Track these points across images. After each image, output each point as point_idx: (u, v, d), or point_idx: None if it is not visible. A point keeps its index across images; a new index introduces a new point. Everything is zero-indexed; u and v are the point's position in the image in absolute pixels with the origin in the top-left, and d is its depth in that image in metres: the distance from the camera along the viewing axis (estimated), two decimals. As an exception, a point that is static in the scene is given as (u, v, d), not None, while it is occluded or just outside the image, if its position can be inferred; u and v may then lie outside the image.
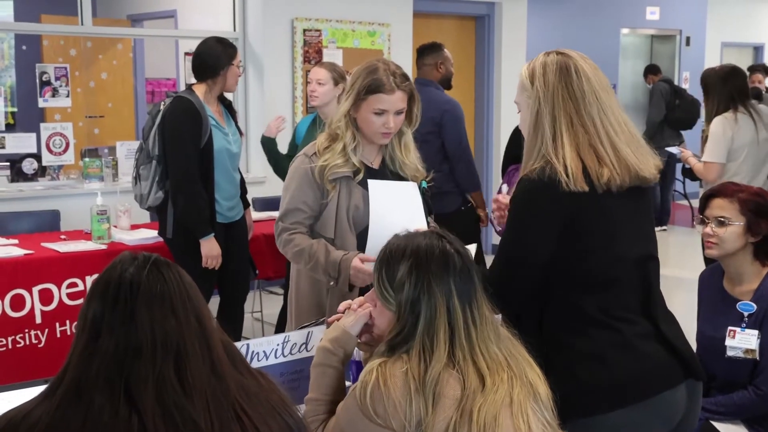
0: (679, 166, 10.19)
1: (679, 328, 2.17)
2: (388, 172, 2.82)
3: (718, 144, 4.60)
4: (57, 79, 5.92)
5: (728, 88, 4.66)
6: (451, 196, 4.72)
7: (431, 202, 2.90)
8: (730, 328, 2.69)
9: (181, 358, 1.38)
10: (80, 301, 3.96)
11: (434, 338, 1.76)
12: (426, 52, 5.04)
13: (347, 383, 2.04)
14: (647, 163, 2.11)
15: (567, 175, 1.99)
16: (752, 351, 2.64)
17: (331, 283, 2.69)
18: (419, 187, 2.87)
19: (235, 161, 4.28)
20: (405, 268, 1.82)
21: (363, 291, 2.56)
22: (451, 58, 5.07)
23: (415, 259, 1.82)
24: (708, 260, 3.97)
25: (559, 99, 2.07)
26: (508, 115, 7.64)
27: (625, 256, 2.09)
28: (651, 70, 9.98)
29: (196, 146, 3.98)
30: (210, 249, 4.03)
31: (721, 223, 2.73)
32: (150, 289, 1.41)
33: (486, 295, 1.87)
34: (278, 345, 2.28)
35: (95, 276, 1.47)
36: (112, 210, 4.62)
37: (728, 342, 2.67)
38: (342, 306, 2.07)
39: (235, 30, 6.49)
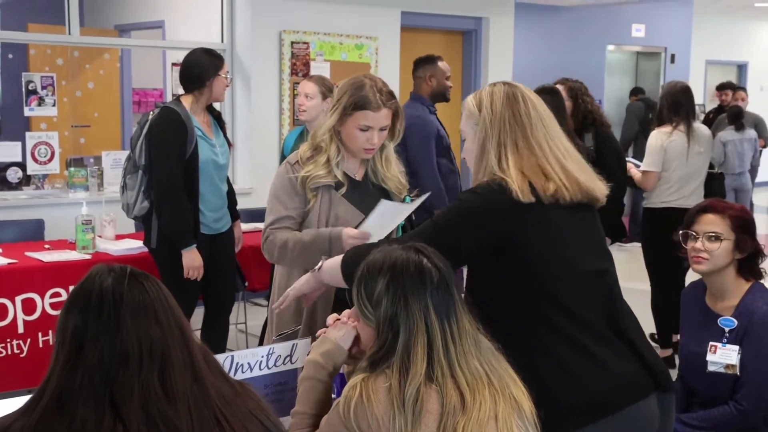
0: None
1: (646, 340, 2.19)
2: (370, 184, 2.84)
3: (653, 154, 5.09)
4: (43, 88, 5.91)
5: (674, 104, 5.09)
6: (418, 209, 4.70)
7: (419, 214, 2.92)
8: (711, 343, 2.70)
9: (165, 366, 1.39)
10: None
11: (412, 354, 1.76)
12: (419, 64, 5.03)
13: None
14: (596, 185, 2.17)
15: (517, 187, 2.04)
16: (733, 366, 2.66)
17: (323, 257, 2.66)
18: (403, 202, 2.89)
19: (222, 173, 4.27)
20: (382, 284, 1.82)
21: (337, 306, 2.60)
22: (446, 71, 5.03)
23: (391, 274, 1.82)
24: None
25: (506, 125, 2.12)
26: (494, 129, 7.67)
27: (578, 269, 2.11)
28: (633, 92, 10.32)
29: (181, 157, 3.98)
30: (192, 260, 4.02)
31: (713, 239, 2.74)
32: (133, 299, 1.42)
33: (466, 308, 1.87)
34: (263, 357, 2.28)
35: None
36: (97, 220, 4.60)
37: (709, 357, 2.69)
38: (330, 319, 2.07)
39: (223, 41, 6.50)
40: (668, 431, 2.18)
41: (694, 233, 2.79)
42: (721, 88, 10.60)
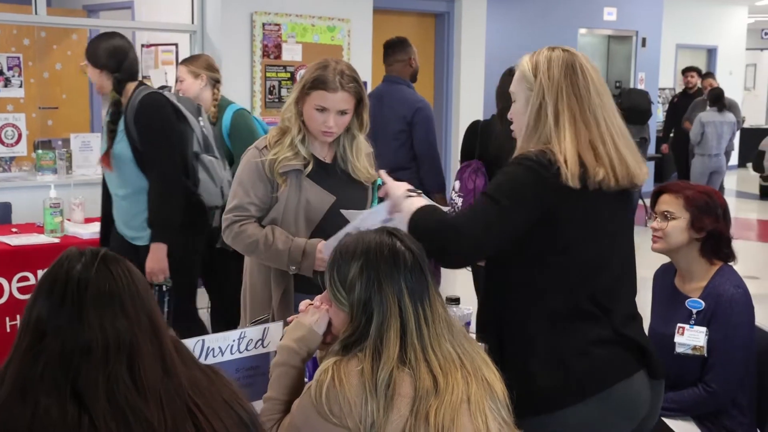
0: (650, 165, 10.45)
1: (641, 326, 2.21)
2: (338, 169, 2.82)
3: None
4: (9, 68, 5.82)
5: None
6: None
7: None
8: (678, 324, 2.73)
9: (133, 357, 1.35)
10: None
11: (385, 338, 1.75)
12: (396, 47, 5.01)
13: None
14: (642, 170, 2.12)
15: (566, 168, 1.99)
16: (700, 348, 2.68)
17: (293, 268, 2.68)
18: (374, 186, 2.89)
19: None
20: (356, 268, 1.81)
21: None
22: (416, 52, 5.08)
23: (365, 258, 1.81)
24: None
25: (563, 94, 2.06)
26: (467, 112, 7.68)
27: (606, 254, 2.11)
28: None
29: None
30: (162, 259, 3.65)
31: (666, 218, 2.78)
32: (98, 287, 1.38)
33: (438, 291, 1.87)
34: (234, 341, 2.26)
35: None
36: (65, 203, 4.55)
37: (677, 339, 2.72)
38: (303, 304, 2.06)
39: (193, 23, 6.42)
40: (656, 415, 2.22)
41: (654, 214, 2.84)
42: (687, 71, 10.70)
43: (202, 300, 5.46)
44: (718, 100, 9.00)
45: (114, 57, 3.63)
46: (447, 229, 2.03)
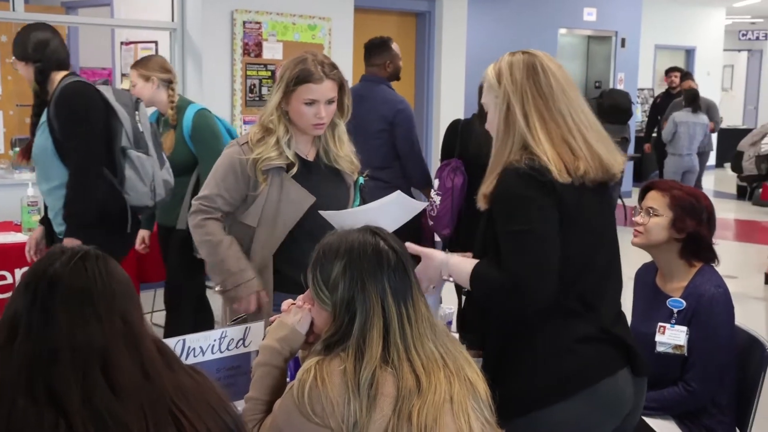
0: (629, 164, 10.53)
1: (626, 323, 2.23)
2: (322, 165, 2.82)
3: None
4: (-14, 65, 5.75)
5: None
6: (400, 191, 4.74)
7: (377, 196, 2.90)
8: (659, 324, 2.74)
9: (107, 361, 1.32)
10: (8, 294, 3.84)
11: (368, 338, 1.75)
12: (373, 51, 5.01)
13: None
14: (616, 159, 2.15)
15: (554, 166, 2.01)
16: (681, 347, 2.70)
17: (217, 288, 2.77)
18: (356, 185, 2.89)
19: None
20: (339, 267, 1.80)
21: None
22: (398, 52, 5.06)
23: (348, 257, 1.81)
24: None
25: (528, 96, 2.08)
26: (448, 111, 7.69)
27: (594, 250, 2.12)
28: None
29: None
30: None
31: (649, 213, 2.80)
32: (70, 286, 1.34)
33: (421, 290, 1.86)
34: (215, 341, 2.25)
35: (25, 269, 1.42)
36: (42, 201, 4.50)
37: (658, 338, 2.73)
38: (285, 304, 2.05)
39: (173, 20, 6.38)
40: (639, 413, 2.23)
41: (639, 208, 2.85)
42: (670, 71, 10.78)
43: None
44: (693, 101, 9.10)
45: (36, 47, 3.48)
46: (511, 290, 2.01)
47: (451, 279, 2.21)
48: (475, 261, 2.12)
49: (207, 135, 4.12)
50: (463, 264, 2.15)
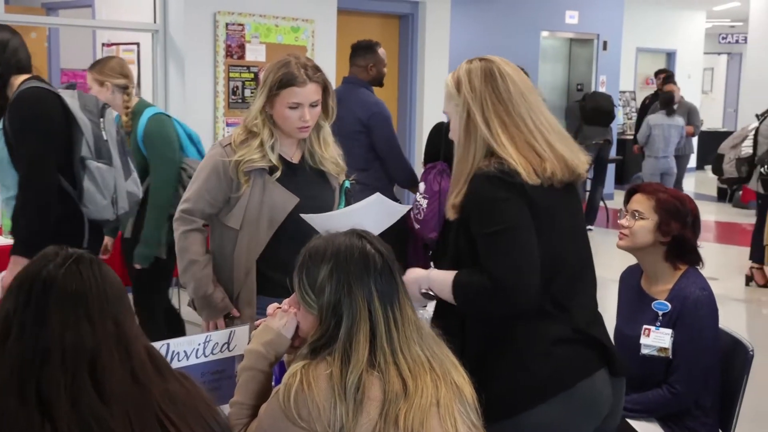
0: (611, 167, 10.59)
1: (602, 323, 2.23)
2: (307, 167, 2.82)
3: None
4: (-34, 67, 5.67)
5: None
6: (381, 192, 4.73)
7: (357, 198, 2.90)
8: (645, 326, 2.75)
9: (96, 364, 1.32)
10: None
11: (354, 341, 1.74)
12: (359, 52, 5.01)
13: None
14: (580, 159, 2.16)
15: (522, 169, 2.02)
16: (665, 349, 2.71)
17: (189, 305, 2.82)
18: (342, 188, 2.88)
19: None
20: (325, 271, 1.79)
21: None
22: (384, 58, 5.05)
23: (335, 261, 1.80)
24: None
25: (488, 102, 2.09)
26: (431, 113, 7.69)
27: (566, 251, 2.12)
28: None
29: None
30: None
31: (635, 217, 2.81)
32: (65, 289, 1.34)
33: (408, 294, 1.86)
34: (199, 345, 2.23)
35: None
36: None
37: (643, 340, 2.74)
38: (270, 308, 2.03)
39: (155, 22, 6.35)
40: (619, 414, 2.23)
41: (625, 211, 2.87)
42: (659, 73, 10.86)
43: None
44: (667, 104, 9.19)
45: None
46: (494, 292, 2.01)
47: (431, 293, 2.21)
48: (455, 272, 2.12)
49: (157, 141, 3.91)
50: (444, 276, 2.14)
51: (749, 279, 7.34)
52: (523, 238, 2.01)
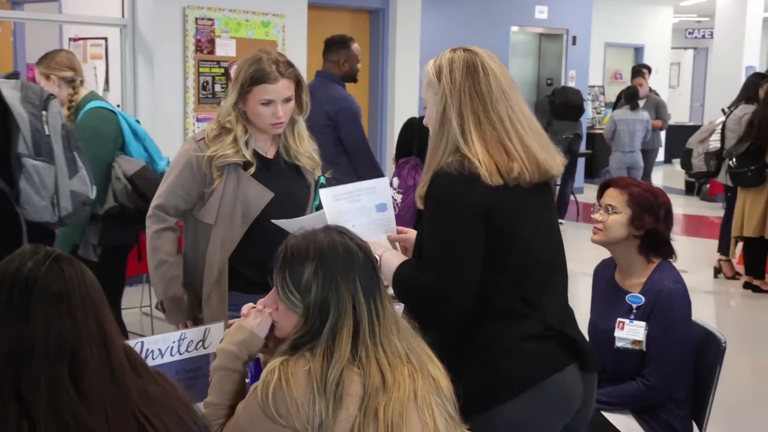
0: (580, 161, 10.65)
1: (573, 319, 2.23)
2: (282, 162, 2.80)
3: None
4: (-70, 62, 5.59)
5: None
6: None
7: None
8: (618, 319, 2.77)
9: (76, 362, 1.31)
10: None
11: (337, 337, 1.73)
12: (332, 48, 4.99)
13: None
14: (554, 160, 2.14)
15: (485, 169, 2.00)
16: (639, 342, 2.72)
17: (157, 307, 2.80)
18: (317, 184, 2.86)
19: None
20: (310, 269, 1.78)
21: None
22: (358, 54, 5.04)
23: (319, 259, 1.78)
24: None
25: (466, 97, 2.06)
26: (402, 108, 7.70)
27: (536, 250, 2.11)
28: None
29: None
30: None
31: (608, 211, 2.82)
32: (47, 286, 1.34)
33: (385, 287, 1.86)
34: (174, 342, 2.22)
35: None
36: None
37: (617, 333, 2.75)
38: (245, 308, 2.01)
39: (123, 16, 6.28)
40: (591, 408, 2.23)
41: (598, 205, 2.88)
42: (638, 68, 10.92)
43: (135, 300, 5.37)
44: (631, 98, 9.29)
45: None
46: (429, 297, 2.03)
47: None
48: (403, 261, 2.13)
49: (87, 135, 3.68)
50: (393, 261, 2.15)
51: (717, 271, 7.43)
52: (463, 247, 2.01)
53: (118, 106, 6.30)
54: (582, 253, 4.60)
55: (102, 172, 3.73)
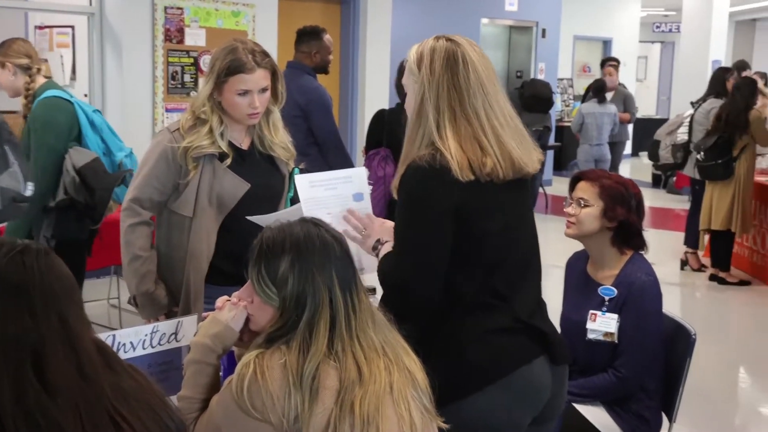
0: (549, 153, 10.68)
1: (545, 312, 2.23)
2: (257, 152, 2.78)
3: None
4: None
5: None
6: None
7: None
8: (591, 311, 2.78)
9: (39, 359, 1.28)
10: None
11: (315, 331, 1.72)
12: (303, 38, 4.97)
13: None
14: (530, 156, 2.14)
15: (456, 164, 1.99)
16: (611, 334, 2.74)
17: (129, 302, 2.77)
18: (291, 175, 2.84)
19: None
20: (286, 262, 1.76)
21: None
22: (330, 45, 5.02)
23: (296, 251, 1.77)
24: None
25: (444, 90, 2.05)
26: (372, 99, 7.67)
27: (507, 245, 2.11)
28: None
29: None
30: None
31: (580, 204, 2.83)
32: (5, 280, 1.30)
33: (360, 279, 1.85)
34: (146, 335, 2.19)
35: None
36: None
37: (589, 325, 2.77)
38: (219, 301, 1.99)
39: (91, 4, 6.19)
40: (561, 401, 2.23)
41: (570, 199, 2.89)
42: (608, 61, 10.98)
43: (103, 292, 5.32)
44: (598, 92, 9.35)
45: None
46: (395, 289, 2.07)
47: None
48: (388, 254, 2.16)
49: (38, 124, 3.66)
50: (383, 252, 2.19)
51: (684, 263, 7.51)
52: (429, 240, 2.02)
53: (86, 95, 6.22)
54: (551, 246, 4.62)
55: (53, 163, 3.66)
